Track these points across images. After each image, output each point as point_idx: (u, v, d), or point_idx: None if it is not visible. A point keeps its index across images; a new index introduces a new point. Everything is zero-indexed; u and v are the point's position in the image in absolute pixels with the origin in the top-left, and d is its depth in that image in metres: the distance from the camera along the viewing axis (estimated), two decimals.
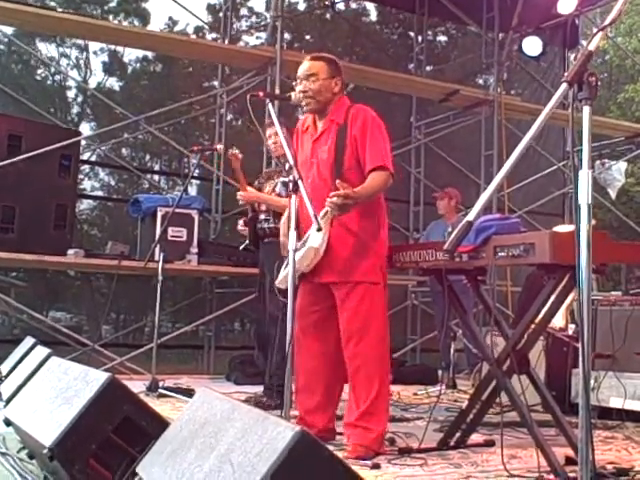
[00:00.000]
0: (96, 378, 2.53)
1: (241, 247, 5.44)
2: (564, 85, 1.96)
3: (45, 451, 2.36)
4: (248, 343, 7.16)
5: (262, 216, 5.22)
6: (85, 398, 2.45)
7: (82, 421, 2.40)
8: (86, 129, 9.91)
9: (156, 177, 10.23)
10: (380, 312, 3.60)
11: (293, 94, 3.59)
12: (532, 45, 8.26)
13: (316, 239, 3.41)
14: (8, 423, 3.04)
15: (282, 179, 3.26)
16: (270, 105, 3.49)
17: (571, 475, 2.99)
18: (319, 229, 3.16)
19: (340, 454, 3.33)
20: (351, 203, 3.35)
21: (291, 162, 3.23)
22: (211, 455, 1.85)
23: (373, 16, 11.30)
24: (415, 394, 5.99)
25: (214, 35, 9.87)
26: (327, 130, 3.65)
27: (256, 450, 1.68)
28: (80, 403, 2.45)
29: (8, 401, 3.53)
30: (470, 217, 1.85)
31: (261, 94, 3.60)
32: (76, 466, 2.38)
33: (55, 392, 2.76)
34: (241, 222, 5.32)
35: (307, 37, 11.36)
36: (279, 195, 5.16)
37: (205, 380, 6.92)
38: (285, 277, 3.69)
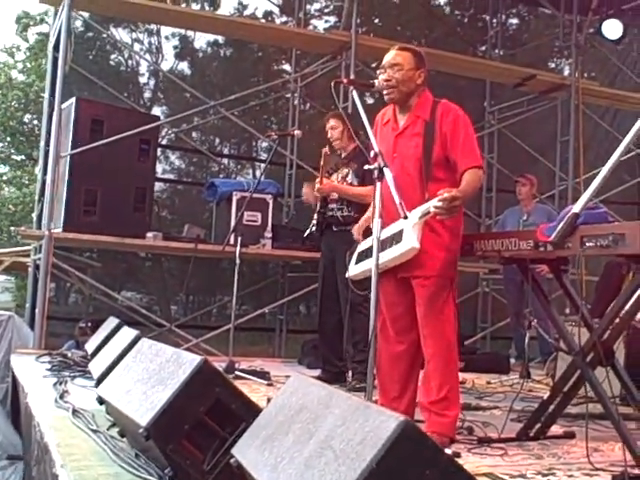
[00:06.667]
0: (189, 360, 2.56)
1: (306, 234, 5.50)
2: None
3: (141, 430, 2.40)
4: None
5: (334, 205, 5.32)
6: (179, 380, 2.48)
7: (176, 402, 2.44)
8: (157, 113, 10.09)
9: (225, 160, 10.35)
10: (453, 303, 3.59)
11: (377, 81, 3.58)
12: (612, 28, 8.03)
13: (412, 239, 3.28)
14: (101, 401, 3.13)
15: (366, 166, 3.23)
16: (354, 92, 3.48)
17: None
18: (414, 226, 3.15)
19: None
20: (458, 204, 3.30)
21: (376, 149, 3.21)
22: (310, 441, 1.85)
23: None
24: (489, 382, 5.95)
25: (283, 19, 9.89)
26: (411, 125, 3.61)
27: (358, 438, 1.68)
28: (174, 385, 2.48)
29: (99, 380, 3.64)
30: (576, 209, 1.82)
31: (345, 81, 3.61)
32: (170, 445, 2.43)
33: (148, 373, 2.81)
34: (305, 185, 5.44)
35: (376, 21, 11.26)
36: (351, 184, 5.25)
37: (278, 363, 6.97)
38: (358, 268, 3.68)
